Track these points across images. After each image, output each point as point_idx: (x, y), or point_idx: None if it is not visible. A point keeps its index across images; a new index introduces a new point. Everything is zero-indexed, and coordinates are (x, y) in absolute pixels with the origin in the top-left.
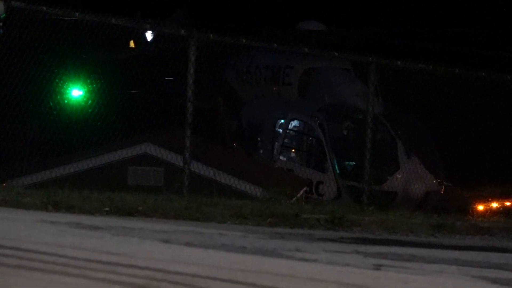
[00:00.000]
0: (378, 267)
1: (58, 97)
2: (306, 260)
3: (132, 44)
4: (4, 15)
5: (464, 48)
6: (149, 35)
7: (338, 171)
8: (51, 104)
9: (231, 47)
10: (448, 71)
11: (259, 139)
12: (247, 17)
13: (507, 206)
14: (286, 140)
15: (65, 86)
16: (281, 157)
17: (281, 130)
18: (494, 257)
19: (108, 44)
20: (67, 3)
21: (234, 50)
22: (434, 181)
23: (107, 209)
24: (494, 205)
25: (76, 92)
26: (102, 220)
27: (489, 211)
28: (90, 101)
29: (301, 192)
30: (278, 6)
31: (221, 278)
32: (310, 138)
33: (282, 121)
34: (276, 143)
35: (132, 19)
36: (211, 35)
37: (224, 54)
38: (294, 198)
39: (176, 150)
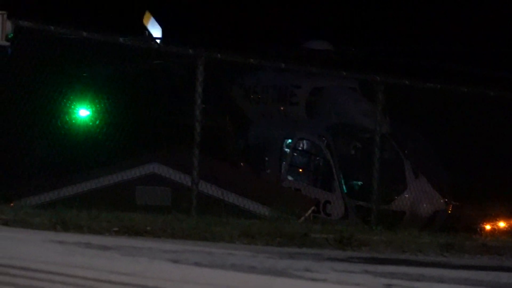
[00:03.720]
0: (388, 286)
1: (66, 117)
2: (315, 280)
3: None
4: (11, 34)
5: (472, 66)
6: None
7: (345, 191)
8: (59, 123)
9: (238, 66)
10: (456, 89)
11: (266, 158)
12: (254, 36)
13: None
14: (293, 160)
15: (72, 106)
16: (289, 177)
17: (288, 150)
18: (503, 277)
19: (114, 62)
20: (75, 22)
21: (241, 69)
22: (441, 201)
23: (116, 229)
24: (502, 224)
25: (83, 112)
26: (111, 240)
27: (497, 231)
28: (97, 121)
29: (309, 211)
30: (285, 25)
31: None
32: (318, 157)
33: (290, 140)
34: (284, 162)
35: (139, 38)
36: (219, 55)
37: (231, 73)
38: (302, 218)
39: (183, 170)
